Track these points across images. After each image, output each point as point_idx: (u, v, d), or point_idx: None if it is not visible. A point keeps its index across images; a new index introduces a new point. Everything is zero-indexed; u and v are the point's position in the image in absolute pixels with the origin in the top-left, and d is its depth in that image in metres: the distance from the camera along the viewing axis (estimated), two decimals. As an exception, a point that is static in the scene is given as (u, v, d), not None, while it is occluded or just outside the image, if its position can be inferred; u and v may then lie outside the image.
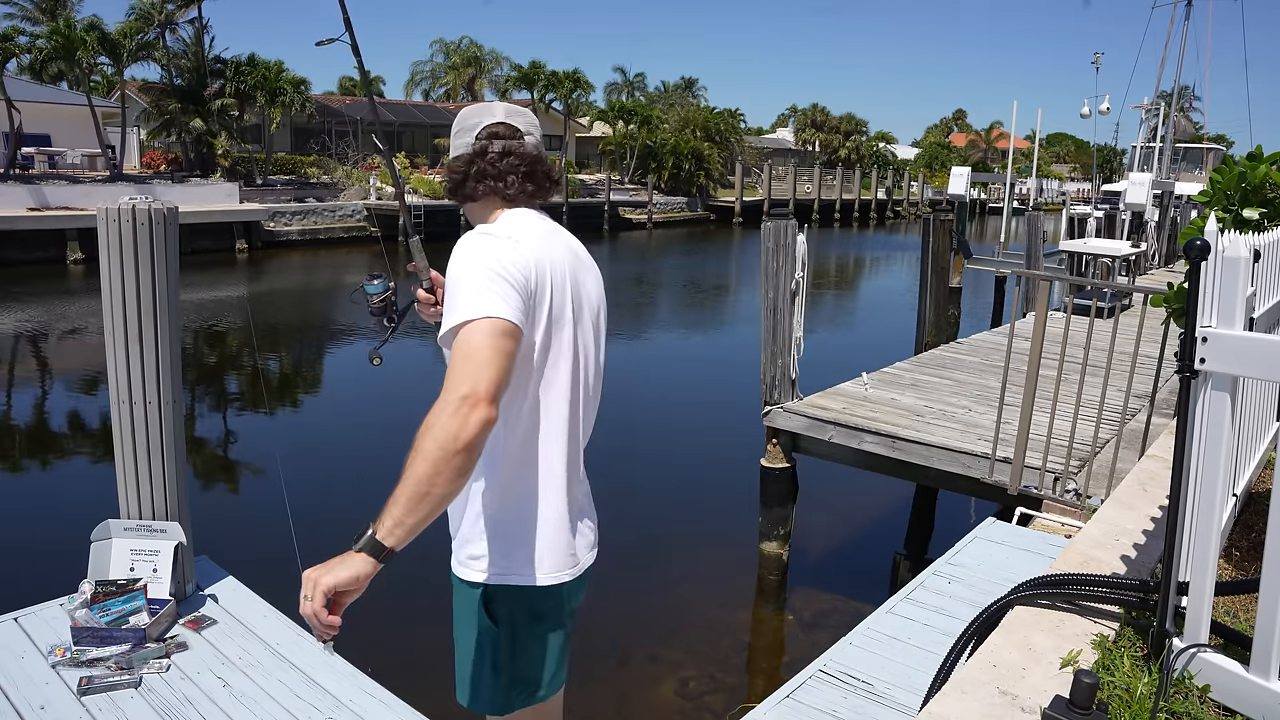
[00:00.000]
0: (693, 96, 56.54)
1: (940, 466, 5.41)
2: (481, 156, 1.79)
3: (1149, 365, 5.07)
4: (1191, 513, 1.81)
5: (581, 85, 40.44)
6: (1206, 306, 1.74)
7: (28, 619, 3.45)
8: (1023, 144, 51.00)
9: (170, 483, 3.63)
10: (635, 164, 41.90)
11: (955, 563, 4.01)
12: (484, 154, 1.79)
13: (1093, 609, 2.22)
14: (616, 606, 5.92)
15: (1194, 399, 1.75)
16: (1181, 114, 31.82)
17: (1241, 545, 2.72)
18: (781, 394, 6.18)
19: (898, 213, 54.48)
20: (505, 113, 1.85)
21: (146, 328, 3.46)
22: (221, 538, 4.66)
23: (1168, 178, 22.95)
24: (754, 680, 5.17)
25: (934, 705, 1.89)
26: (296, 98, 30.04)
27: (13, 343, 13.71)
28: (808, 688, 3.11)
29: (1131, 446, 4.93)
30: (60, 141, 27.39)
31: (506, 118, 1.84)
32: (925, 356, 8.36)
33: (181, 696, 3.05)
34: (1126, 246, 13.17)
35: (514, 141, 1.81)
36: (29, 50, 25.83)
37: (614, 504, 8.59)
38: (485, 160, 1.79)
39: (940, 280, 13.06)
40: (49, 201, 21.61)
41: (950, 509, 7.33)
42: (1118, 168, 46.72)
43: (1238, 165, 2.63)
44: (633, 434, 10.00)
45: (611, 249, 31.65)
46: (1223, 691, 1.80)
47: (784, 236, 6.04)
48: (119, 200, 3.41)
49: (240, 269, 22.28)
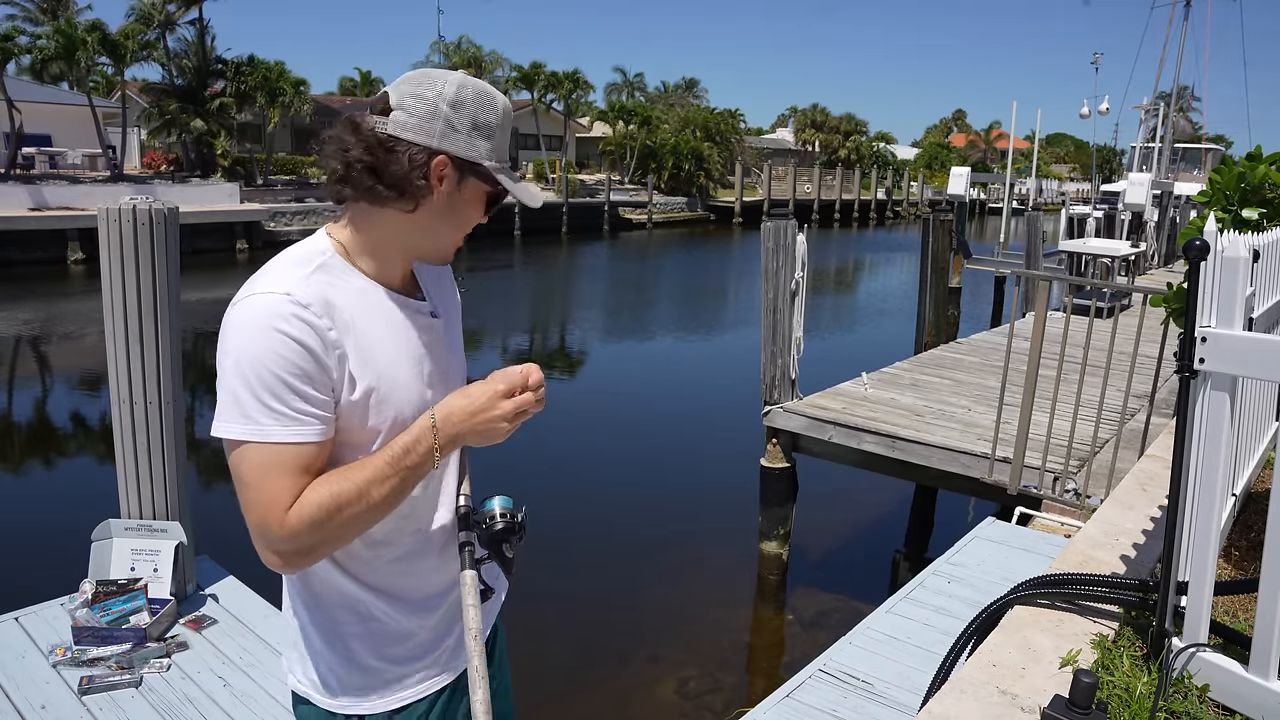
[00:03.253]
0: (693, 97, 56.56)
1: (940, 466, 5.41)
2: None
3: (1148, 365, 5.07)
4: (1191, 512, 1.81)
5: (581, 85, 40.42)
6: (1205, 306, 1.74)
7: (28, 619, 3.45)
8: (1022, 144, 51.00)
9: (171, 482, 3.64)
10: (635, 164, 41.90)
11: (955, 562, 4.01)
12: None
13: (1092, 609, 2.22)
14: (617, 606, 5.93)
15: (1193, 399, 1.75)
16: (1180, 114, 31.88)
17: (1241, 545, 2.72)
18: (781, 394, 6.18)
19: (897, 213, 54.48)
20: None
21: (147, 328, 3.47)
22: (222, 537, 4.65)
23: (1167, 178, 22.98)
24: (754, 680, 5.17)
25: (934, 705, 1.89)
26: (296, 98, 30.04)
27: (13, 343, 13.71)
28: (808, 687, 3.11)
29: (1131, 446, 4.93)
30: (61, 142, 27.39)
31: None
32: (925, 356, 8.36)
33: (182, 696, 3.05)
34: (1126, 246, 13.17)
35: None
36: (30, 50, 25.84)
37: (614, 504, 8.61)
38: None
39: (940, 280, 13.06)
40: (49, 202, 21.62)
41: (950, 509, 7.34)
42: (1117, 168, 46.76)
43: (1237, 165, 2.64)
44: (633, 434, 10.01)
45: (611, 249, 31.65)
46: (1222, 691, 1.80)
47: (784, 236, 6.04)
48: (119, 200, 3.41)
49: (241, 269, 22.29)
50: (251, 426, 1.16)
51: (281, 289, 1.18)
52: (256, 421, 1.16)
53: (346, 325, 1.23)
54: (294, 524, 1.16)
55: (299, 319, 1.17)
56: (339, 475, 1.20)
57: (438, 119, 1.22)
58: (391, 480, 1.23)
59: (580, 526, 7.05)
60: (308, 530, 1.17)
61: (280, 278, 1.21)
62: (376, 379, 1.25)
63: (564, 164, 36.52)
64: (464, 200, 1.30)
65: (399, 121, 1.22)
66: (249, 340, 1.16)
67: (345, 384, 1.22)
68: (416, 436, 1.26)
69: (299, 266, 1.24)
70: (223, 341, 1.19)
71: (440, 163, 1.23)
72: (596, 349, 15.33)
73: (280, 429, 1.16)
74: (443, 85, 1.24)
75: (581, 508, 7.51)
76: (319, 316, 1.19)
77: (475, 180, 1.29)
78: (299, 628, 1.37)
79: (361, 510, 1.21)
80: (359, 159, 1.22)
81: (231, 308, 1.20)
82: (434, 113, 1.22)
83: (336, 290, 1.24)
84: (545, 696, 4.76)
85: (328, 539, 1.20)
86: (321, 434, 1.20)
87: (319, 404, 1.19)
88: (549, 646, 5.19)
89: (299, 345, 1.16)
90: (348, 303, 1.24)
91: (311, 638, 1.35)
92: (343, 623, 1.33)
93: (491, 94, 1.28)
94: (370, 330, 1.26)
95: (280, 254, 1.28)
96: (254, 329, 1.16)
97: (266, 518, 1.16)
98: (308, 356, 1.17)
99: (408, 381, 1.30)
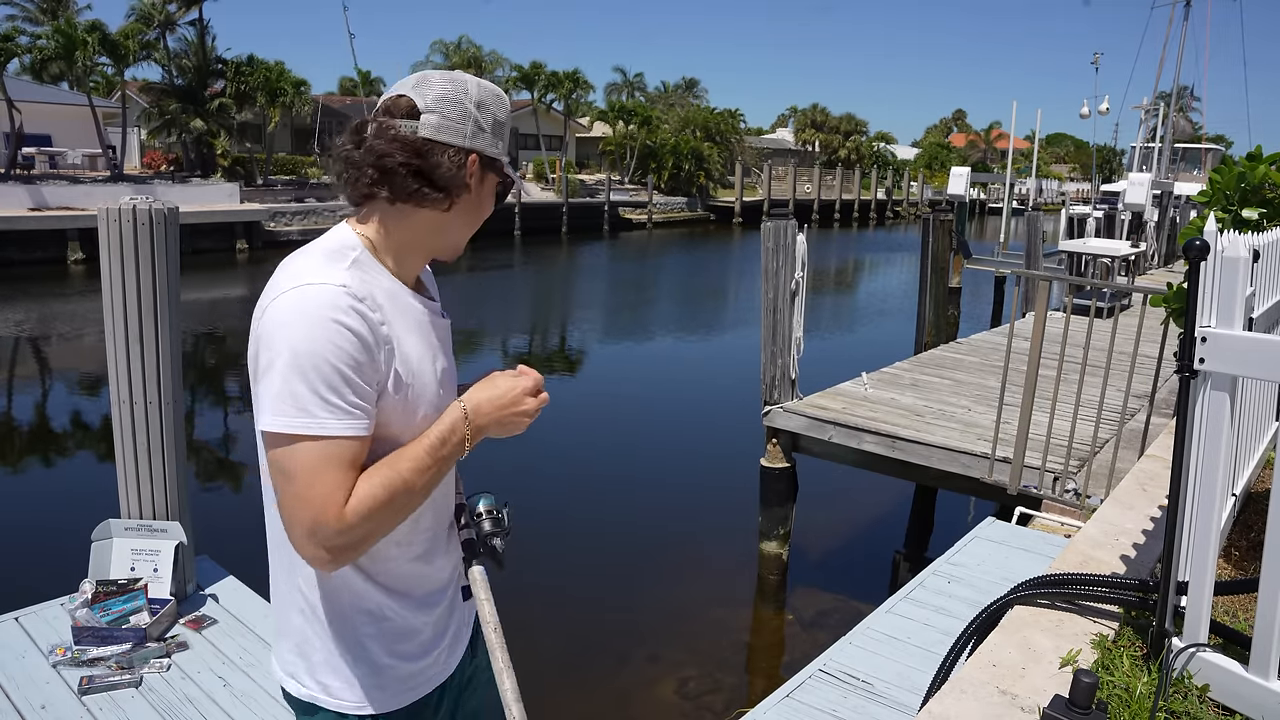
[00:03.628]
0: (693, 97, 56.56)
1: (940, 466, 5.41)
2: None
3: (1148, 365, 5.07)
4: (1191, 512, 1.81)
5: (581, 85, 40.44)
6: (1206, 306, 1.74)
7: (28, 619, 3.45)
8: (1022, 144, 51.01)
9: (170, 482, 3.64)
10: (635, 164, 41.90)
11: (955, 562, 4.01)
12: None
13: (1092, 609, 2.22)
14: (617, 606, 5.93)
15: (1193, 399, 1.75)
16: (1180, 114, 31.88)
17: (1241, 545, 2.72)
18: (781, 394, 6.18)
19: (897, 213, 54.49)
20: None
21: (147, 327, 3.47)
22: (222, 537, 4.66)
23: (1167, 178, 22.97)
24: (754, 680, 5.17)
25: (934, 705, 1.89)
26: (296, 98, 30.04)
27: (13, 342, 13.71)
28: (808, 687, 3.11)
29: (1131, 446, 4.93)
30: (61, 142, 27.38)
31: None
32: (925, 356, 8.36)
33: (182, 696, 3.05)
34: (1126, 246, 13.17)
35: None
36: (30, 50, 25.84)
37: (614, 504, 8.62)
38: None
39: (940, 280, 13.06)
40: (49, 202, 21.62)
41: (950, 509, 7.34)
42: (1117, 168, 46.76)
43: (1237, 165, 2.64)
44: (633, 434, 10.01)
45: (611, 249, 31.66)
46: (1222, 691, 1.80)
47: (784, 236, 6.04)
48: (119, 200, 3.41)
49: (241, 269, 22.30)
50: (306, 419, 1.14)
51: (336, 281, 1.17)
52: (312, 414, 1.14)
53: (390, 321, 1.25)
54: (350, 518, 1.16)
55: (356, 311, 1.17)
56: (385, 466, 1.21)
57: (468, 120, 1.27)
58: (431, 470, 1.25)
59: (580, 526, 7.06)
60: (361, 523, 1.17)
61: (327, 270, 1.19)
62: (411, 376, 1.27)
63: (564, 164, 36.51)
64: (484, 195, 1.34)
65: (433, 124, 1.25)
66: (306, 332, 1.14)
67: (390, 379, 1.23)
68: (450, 426, 1.28)
69: (336, 260, 1.23)
70: (272, 332, 1.15)
71: (472, 161, 1.28)
72: (596, 349, 15.33)
73: (335, 422, 1.15)
74: (466, 87, 1.28)
75: (581, 507, 7.52)
76: (372, 310, 1.20)
77: (492, 174, 1.34)
78: (304, 632, 1.35)
79: (406, 501, 1.22)
80: (404, 163, 1.23)
81: (276, 299, 1.17)
82: (465, 114, 1.26)
83: (374, 286, 1.25)
84: (545, 696, 4.76)
85: (376, 531, 1.21)
86: (369, 428, 1.21)
87: (368, 398, 1.20)
88: (549, 646, 5.19)
89: (356, 338, 1.16)
90: (384, 300, 1.26)
91: (321, 641, 1.34)
92: (358, 624, 1.33)
93: (500, 92, 1.33)
94: (403, 328, 1.28)
95: (309, 246, 1.27)
96: (312, 320, 1.14)
97: (323, 513, 1.15)
98: (362, 349, 1.17)
99: (431, 380, 1.32)
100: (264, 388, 1.16)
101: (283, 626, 1.37)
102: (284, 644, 1.38)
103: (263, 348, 1.16)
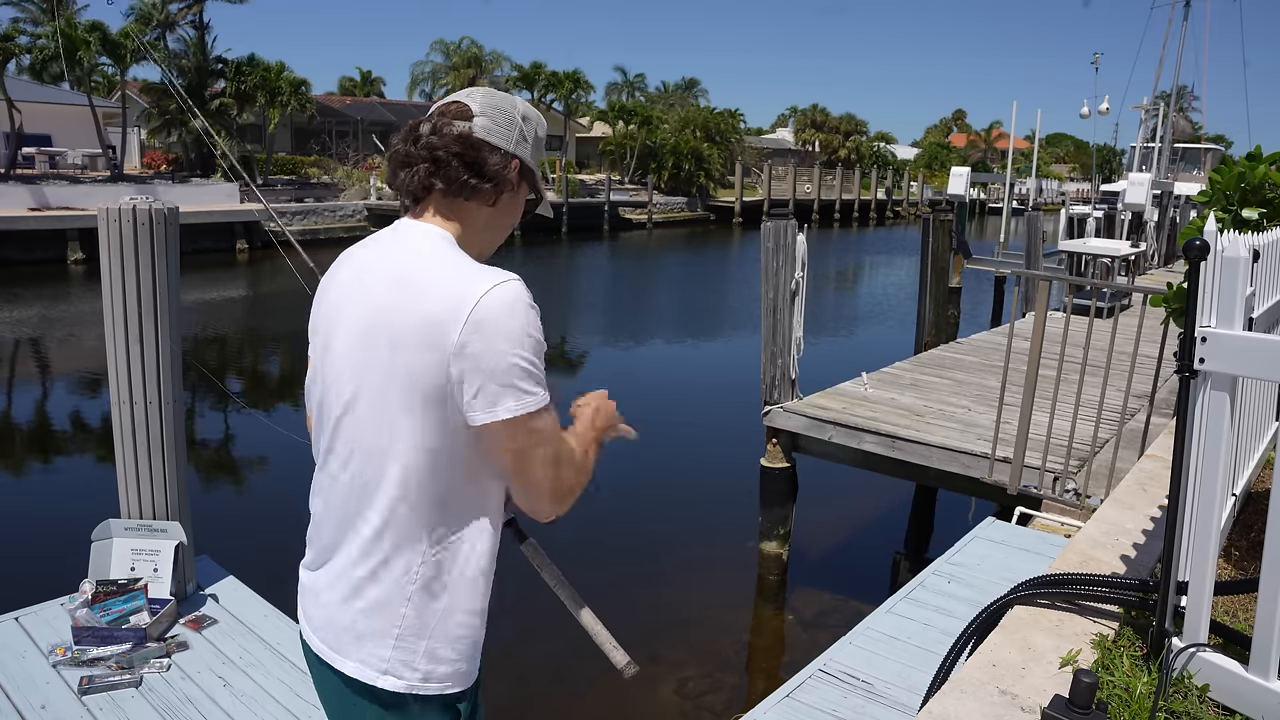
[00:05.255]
0: (693, 97, 56.54)
1: (940, 466, 5.41)
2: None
3: (1148, 365, 5.07)
4: (1191, 512, 1.81)
5: (581, 85, 40.45)
6: (1206, 306, 1.74)
7: (28, 618, 3.45)
8: (1022, 144, 50.98)
9: (170, 482, 3.64)
10: (635, 164, 41.89)
11: (955, 562, 4.01)
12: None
13: (1092, 609, 2.22)
14: (616, 606, 5.93)
15: (1193, 399, 1.75)
16: (1180, 114, 31.88)
17: (1241, 545, 2.72)
18: (781, 394, 6.18)
19: (897, 213, 54.48)
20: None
21: (147, 327, 3.47)
22: (222, 537, 4.67)
23: (1167, 178, 22.97)
24: (754, 680, 5.17)
25: (934, 704, 1.89)
26: (296, 98, 30.03)
27: (13, 343, 13.71)
28: (808, 687, 3.11)
29: (1131, 446, 4.93)
30: (61, 142, 27.39)
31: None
32: (925, 356, 8.36)
33: (182, 696, 3.05)
34: (1126, 246, 13.16)
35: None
36: (30, 50, 25.83)
37: (613, 504, 8.61)
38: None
39: (940, 280, 13.07)
40: (50, 201, 21.61)
41: (950, 509, 7.33)
42: (1117, 168, 46.72)
43: (1236, 165, 2.64)
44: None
45: (611, 249, 31.65)
46: (1222, 691, 1.80)
47: (784, 236, 6.04)
48: (119, 200, 3.41)
49: (241, 269, 22.30)
50: (544, 392, 1.30)
51: (513, 276, 1.32)
52: (546, 387, 1.31)
53: None
54: (586, 461, 1.44)
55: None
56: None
57: (515, 127, 1.41)
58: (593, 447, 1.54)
59: (579, 526, 7.06)
60: (588, 463, 1.46)
61: (492, 269, 1.33)
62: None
63: (564, 164, 36.51)
64: (518, 200, 1.47)
65: (484, 126, 1.38)
66: (523, 319, 1.28)
67: None
68: (595, 410, 1.61)
69: (463, 256, 1.36)
70: (493, 325, 1.25)
71: (514, 165, 1.41)
72: (596, 349, 15.32)
73: (547, 391, 1.33)
74: (514, 101, 1.44)
75: (581, 507, 7.46)
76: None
77: (525, 185, 1.46)
78: (413, 622, 1.36)
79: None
80: (457, 153, 1.35)
81: (483, 298, 1.26)
82: (513, 121, 1.41)
83: None
84: (545, 696, 4.77)
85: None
86: None
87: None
88: (548, 646, 5.18)
89: (541, 323, 1.33)
90: None
91: (438, 622, 1.37)
92: (480, 589, 1.43)
93: (541, 116, 1.49)
94: None
95: (443, 252, 1.34)
96: (523, 310, 1.28)
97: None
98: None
99: None
100: (499, 376, 1.26)
101: (377, 627, 1.36)
102: (374, 644, 1.36)
103: (485, 340, 1.25)
